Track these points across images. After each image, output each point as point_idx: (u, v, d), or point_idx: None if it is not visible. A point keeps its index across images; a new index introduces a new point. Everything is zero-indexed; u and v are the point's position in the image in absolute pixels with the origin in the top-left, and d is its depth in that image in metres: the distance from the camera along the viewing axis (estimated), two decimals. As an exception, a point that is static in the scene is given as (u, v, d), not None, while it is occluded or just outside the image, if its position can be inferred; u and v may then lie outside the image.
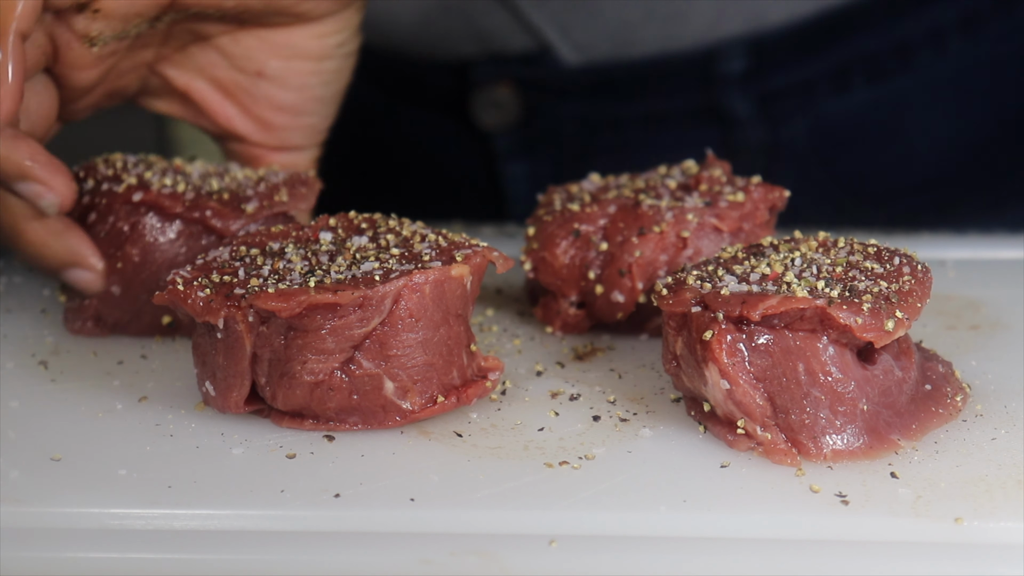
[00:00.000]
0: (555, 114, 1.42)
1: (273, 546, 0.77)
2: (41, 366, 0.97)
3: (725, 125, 1.40)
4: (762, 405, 0.82)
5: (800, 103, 1.40)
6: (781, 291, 0.83)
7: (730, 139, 1.40)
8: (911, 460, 0.82)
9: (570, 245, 0.99)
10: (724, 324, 0.82)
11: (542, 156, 1.44)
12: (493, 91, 1.40)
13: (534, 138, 1.43)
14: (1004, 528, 0.76)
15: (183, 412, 0.90)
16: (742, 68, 1.37)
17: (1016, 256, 1.18)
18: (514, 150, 1.44)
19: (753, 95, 1.39)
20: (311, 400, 0.86)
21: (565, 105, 1.41)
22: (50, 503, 0.79)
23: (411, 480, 0.81)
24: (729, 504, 0.79)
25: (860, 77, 1.39)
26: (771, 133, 1.40)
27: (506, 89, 1.40)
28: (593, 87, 1.40)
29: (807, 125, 1.40)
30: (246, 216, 1.00)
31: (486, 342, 1.01)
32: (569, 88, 1.41)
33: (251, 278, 0.87)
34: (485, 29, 1.38)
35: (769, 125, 1.40)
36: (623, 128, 1.42)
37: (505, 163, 1.44)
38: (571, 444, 0.85)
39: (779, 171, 1.39)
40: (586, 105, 1.41)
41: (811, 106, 1.40)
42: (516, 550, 0.76)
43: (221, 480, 0.82)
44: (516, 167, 1.44)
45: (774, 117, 1.40)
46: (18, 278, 1.14)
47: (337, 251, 0.90)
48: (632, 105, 1.41)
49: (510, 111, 1.41)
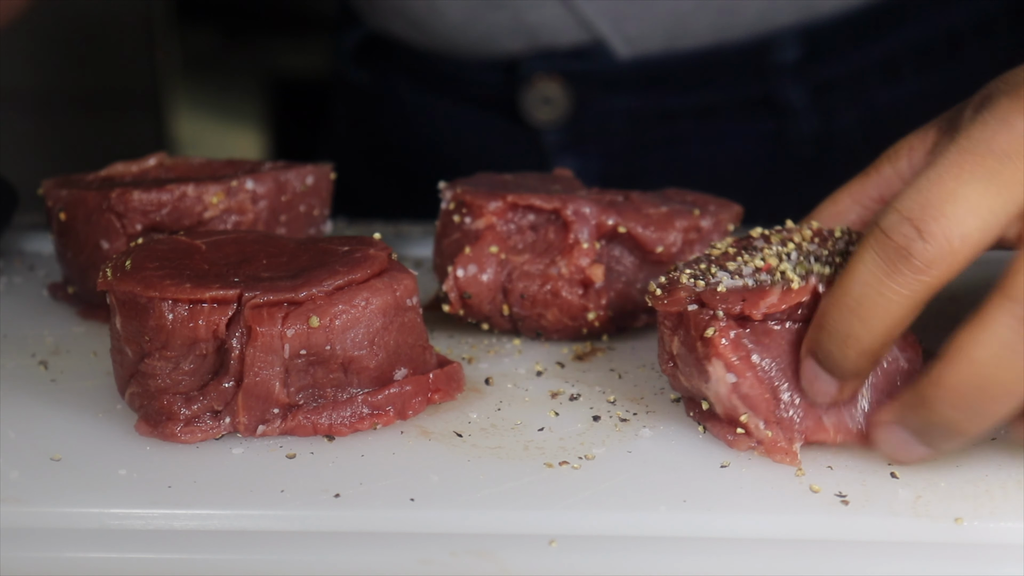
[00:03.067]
0: (605, 108, 1.41)
1: (273, 546, 0.77)
2: (41, 366, 0.97)
3: (778, 116, 1.39)
4: (768, 398, 0.82)
5: (851, 93, 1.39)
6: (776, 280, 0.83)
7: (784, 130, 1.40)
8: (911, 460, 0.82)
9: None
10: (724, 321, 0.82)
11: (592, 151, 1.43)
12: (542, 86, 1.40)
13: (584, 133, 1.42)
14: (1004, 528, 0.76)
15: (183, 412, 0.90)
16: (796, 57, 1.36)
17: (1016, 256, 1.17)
18: (564, 145, 1.43)
19: (807, 84, 1.38)
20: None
21: (615, 99, 1.41)
22: (50, 503, 0.79)
23: (411, 480, 0.81)
24: (729, 504, 0.78)
25: (910, 67, 1.39)
26: (824, 123, 1.39)
27: (555, 84, 1.40)
28: (644, 80, 1.40)
29: (857, 116, 1.40)
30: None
31: (485, 342, 1.01)
32: (619, 82, 1.40)
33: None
34: (534, 24, 1.37)
35: (822, 115, 1.39)
36: (674, 121, 1.41)
37: (555, 158, 1.43)
38: (571, 444, 0.85)
39: (830, 162, 1.39)
40: (636, 98, 1.40)
41: (862, 96, 1.39)
42: (516, 550, 0.76)
43: (221, 480, 0.82)
44: (566, 162, 1.42)
45: (827, 107, 1.39)
46: (18, 278, 1.14)
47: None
48: (684, 97, 1.40)
49: (559, 106, 1.41)
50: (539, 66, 1.40)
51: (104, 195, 1.01)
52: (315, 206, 1.08)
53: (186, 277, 0.85)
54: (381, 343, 0.87)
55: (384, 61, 1.52)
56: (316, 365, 0.85)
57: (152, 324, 0.84)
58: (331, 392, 0.86)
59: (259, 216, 1.04)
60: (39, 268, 1.17)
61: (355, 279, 0.86)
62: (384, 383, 0.87)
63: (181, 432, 0.85)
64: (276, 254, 0.90)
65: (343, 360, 0.86)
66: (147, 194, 1.01)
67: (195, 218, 1.01)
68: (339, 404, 0.86)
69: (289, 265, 0.88)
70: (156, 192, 1.01)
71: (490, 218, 0.99)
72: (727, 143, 1.39)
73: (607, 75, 1.40)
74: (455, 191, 1.01)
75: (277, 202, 1.05)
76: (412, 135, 1.51)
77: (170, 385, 0.85)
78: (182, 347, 0.84)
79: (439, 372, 0.89)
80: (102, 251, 1.01)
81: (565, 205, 0.98)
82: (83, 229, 1.02)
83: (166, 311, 0.84)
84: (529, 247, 0.99)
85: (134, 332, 0.85)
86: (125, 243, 1.00)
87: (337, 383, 0.86)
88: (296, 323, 0.84)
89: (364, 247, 0.90)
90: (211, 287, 0.84)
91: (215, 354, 0.85)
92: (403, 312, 0.88)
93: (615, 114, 1.42)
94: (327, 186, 1.09)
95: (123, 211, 1.00)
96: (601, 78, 1.40)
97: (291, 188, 1.06)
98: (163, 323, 0.84)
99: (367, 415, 0.87)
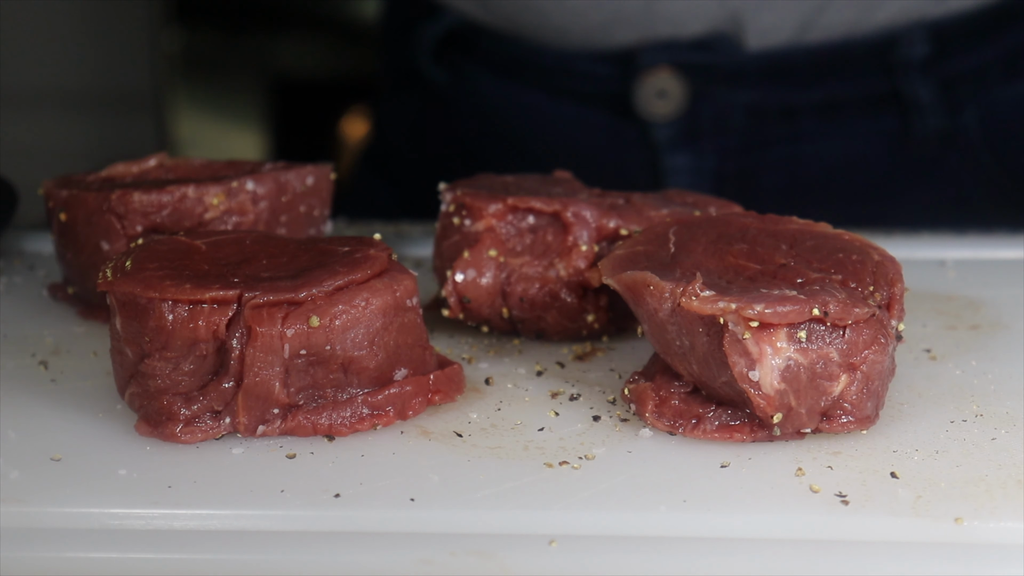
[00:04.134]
0: (723, 103, 1.37)
1: (273, 546, 0.77)
2: (41, 366, 0.97)
3: (903, 113, 1.37)
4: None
5: (974, 90, 1.37)
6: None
7: (908, 127, 1.37)
8: (911, 460, 0.82)
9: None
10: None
11: (707, 147, 1.39)
12: (658, 79, 1.36)
13: (699, 129, 1.38)
14: (1004, 528, 0.76)
15: (183, 412, 0.90)
16: (925, 53, 1.34)
17: (1016, 256, 1.18)
18: (677, 141, 1.39)
19: (935, 80, 1.36)
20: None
21: (735, 93, 1.37)
22: (50, 503, 0.79)
23: (411, 480, 0.81)
24: (729, 504, 0.78)
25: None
26: (949, 120, 1.37)
27: (672, 76, 1.36)
28: (767, 74, 1.36)
29: (978, 114, 1.38)
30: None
31: (485, 342, 1.01)
32: (741, 75, 1.36)
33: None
34: (663, 12, 1.33)
35: (948, 112, 1.37)
36: (795, 118, 1.38)
37: (666, 155, 1.39)
38: (571, 444, 0.85)
39: (953, 160, 1.37)
40: (757, 93, 1.37)
41: (983, 94, 1.37)
42: (516, 550, 0.76)
43: (221, 480, 0.82)
44: (679, 159, 1.39)
45: (952, 104, 1.37)
46: (18, 278, 1.14)
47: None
48: (806, 93, 1.37)
49: (674, 99, 1.37)
50: (658, 58, 1.35)
51: (105, 196, 1.01)
52: (315, 206, 1.08)
53: (186, 278, 0.85)
54: (381, 343, 0.87)
55: (464, 57, 1.46)
56: (316, 365, 0.85)
57: (152, 325, 0.84)
58: (331, 392, 0.86)
59: (259, 217, 1.04)
60: (39, 268, 1.17)
61: (355, 279, 0.86)
62: (384, 383, 0.87)
63: (181, 432, 0.85)
64: (276, 254, 0.90)
65: (343, 360, 0.86)
66: (147, 196, 1.01)
67: (196, 219, 1.01)
68: (339, 404, 0.86)
69: (289, 265, 0.88)
70: (157, 194, 1.01)
71: (490, 220, 0.99)
72: (848, 141, 1.35)
73: (729, 68, 1.35)
74: (455, 193, 1.01)
75: (277, 203, 1.05)
76: (494, 134, 1.46)
77: (170, 385, 0.85)
78: (182, 348, 0.84)
79: (440, 374, 0.89)
80: (102, 252, 1.01)
81: (565, 207, 0.98)
82: (83, 230, 1.02)
83: (166, 312, 0.84)
84: (528, 249, 0.99)
85: (134, 333, 0.85)
86: (125, 244, 1.00)
87: (337, 383, 0.86)
88: (296, 323, 0.84)
89: (364, 247, 0.90)
90: (211, 288, 0.84)
91: (215, 354, 0.85)
92: (403, 312, 0.88)
93: (734, 109, 1.38)
94: (327, 186, 1.09)
95: (123, 212, 1.00)
96: (722, 71, 1.36)
97: (291, 189, 1.06)
98: (163, 324, 0.84)
99: (367, 415, 0.87)
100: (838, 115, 1.38)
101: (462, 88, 1.47)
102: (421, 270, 1.15)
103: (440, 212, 1.02)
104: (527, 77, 1.42)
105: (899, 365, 0.92)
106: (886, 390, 0.86)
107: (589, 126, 1.42)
